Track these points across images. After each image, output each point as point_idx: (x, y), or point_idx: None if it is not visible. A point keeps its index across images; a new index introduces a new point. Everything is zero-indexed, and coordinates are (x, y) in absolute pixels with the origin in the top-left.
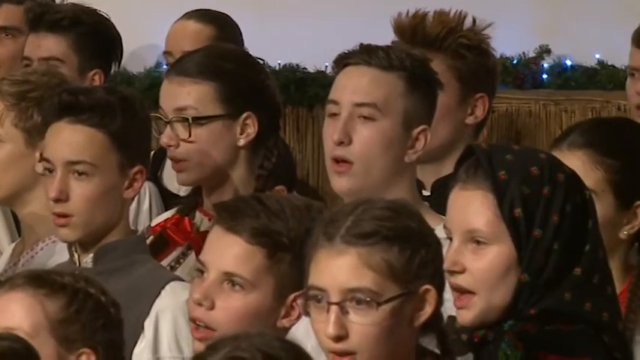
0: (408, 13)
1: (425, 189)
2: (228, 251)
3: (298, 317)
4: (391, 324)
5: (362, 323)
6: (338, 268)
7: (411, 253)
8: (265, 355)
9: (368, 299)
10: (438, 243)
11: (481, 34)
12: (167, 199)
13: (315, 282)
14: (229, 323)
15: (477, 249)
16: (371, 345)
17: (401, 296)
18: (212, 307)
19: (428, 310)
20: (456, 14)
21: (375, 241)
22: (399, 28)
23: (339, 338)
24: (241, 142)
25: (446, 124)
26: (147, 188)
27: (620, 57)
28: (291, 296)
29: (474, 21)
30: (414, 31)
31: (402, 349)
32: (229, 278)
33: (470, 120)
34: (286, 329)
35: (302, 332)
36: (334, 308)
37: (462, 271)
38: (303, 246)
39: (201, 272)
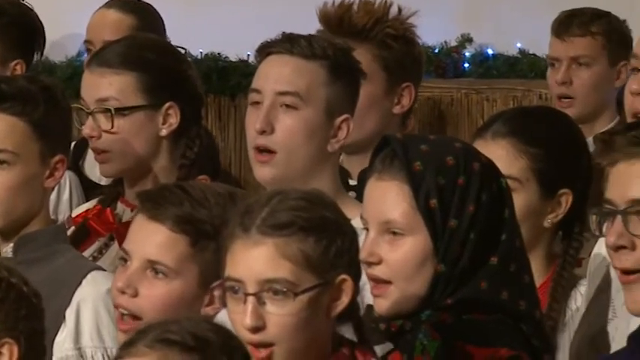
0: (333, 2)
1: (352, 178)
2: (151, 239)
3: (222, 305)
4: (308, 314)
5: (279, 314)
6: (254, 258)
7: (327, 243)
8: (194, 337)
9: (285, 290)
10: (353, 232)
11: (407, 24)
12: (89, 189)
13: (232, 273)
14: (153, 310)
15: (393, 240)
16: (289, 335)
17: (318, 286)
18: (135, 295)
19: (344, 299)
20: (382, 3)
21: (291, 232)
22: (325, 17)
23: (256, 329)
24: (163, 132)
25: (373, 114)
26: (67, 178)
27: (541, 46)
28: (215, 283)
29: (400, 10)
30: (340, 20)
31: (319, 338)
32: (152, 266)
33: (397, 109)
34: (211, 317)
35: (223, 321)
36: (251, 299)
37: (379, 262)
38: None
39: (125, 261)
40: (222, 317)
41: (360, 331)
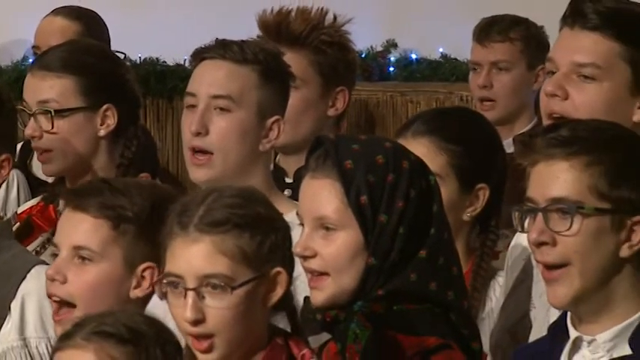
0: (272, 10)
1: (288, 177)
2: (76, 227)
3: (150, 287)
4: (246, 306)
5: (218, 307)
6: (193, 255)
7: (262, 239)
8: (129, 329)
9: (222, 284)
10: (286, 227)
11: (341, 31)
12: (36, 186)
13: (172, 269)
14: (83, 295)
15: (326, 235)
16: (227, 327)
17: (254, 280)
18: (65, 281)
19: (279, 291)
20: (318, 11)
21: (227, 229)
22: (264, 25)
23: (196, 322)
24: (102, 132)
25: (309, 116)
26: (15, 177)
27: (462, 51)
28: (141, 267)
29: (335, 17)
30: (278, 28)
31: (256, 328)
32: (79, 252)
33: (331, 112)
34: (140, 299)
35: (161, 313)
36: (191, 294)
37: (314, 256)
38: (151, 222)
39: (56, 255)
40: (154, 308)
41: (293, 320)
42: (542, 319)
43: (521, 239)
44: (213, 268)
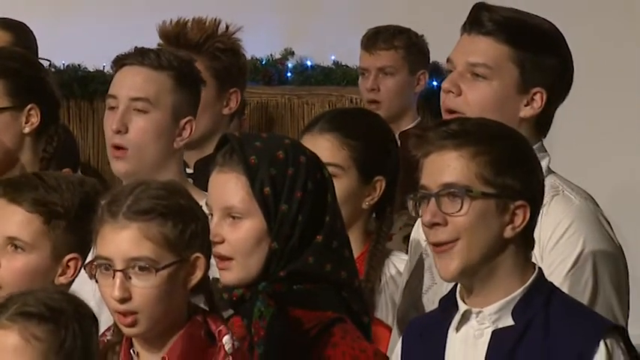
0: (171, 21)
1: (189, 167)
2: (10, 219)
3: (73, 275)
4: (167, 287)
5: (143, 287)
6: (121, 240)
7: (183, 227)
8: (49, 308)
9: (147, 266)
10: (205, 217)
11: (233, 38)
12: None
13: (102, 252)
14: (13, 281)
15: (233, 223)
16: (150, 305)
17: (175, 263)
18: None
19: (198, 274)
20: (212, 21)
21: (153, 217)
22: (164, 34)
23: (123, 300)
24: (26, 129)
25: (206, 115)
26: None
27: (352, 58)
28: (67, 257)
29: (227, 27)
30: (177, 37)
31: (176, 307)
32: (12, 242)
33: (226, 111)
34: (64, 285)
35: (88, 292)
36: (119, 274)
37: (222, 242)
38: (79, 216)
39: None
40: (77, 287)
41: (211, 301)
42: (441, 293)
43: (419, 231)
44: (139, 252)
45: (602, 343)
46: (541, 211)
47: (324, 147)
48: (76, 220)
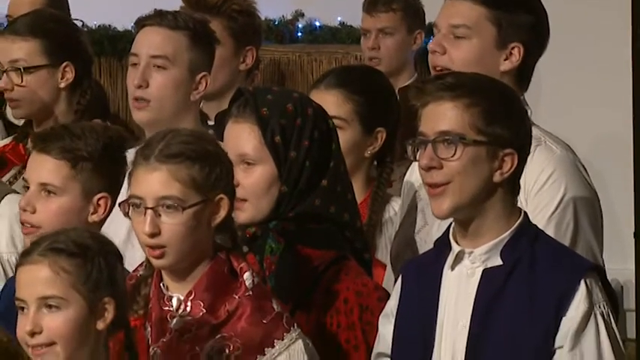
0: None
1: (210, 119)
2: (42, 167)
3: (104, 213)
4: (193, 224)
5: (171, 223)
6: (152, 180)
7: (209, 170)
8: (77, 244)
9: (175, 205)
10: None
11: (249, 0)
12: (11, 129)
13: (135, 192)
14: (50, 222)
15: (247, 169)
16: (178, 240)
17: (201, 203)
18: (34, 211)
19: (222, 213)
20: None
21: (181, 160)
22: None
23: (153, 235)
24: (62, 84)
25: (224, 71)
26: None
27: (357, 19)
28: (96, 197)
29: None
30: (197, 0)
31: (201, 243)
32: (45, 188)
33: (242, 67)
34: (96, 223)
35: (113, 232)
36: (149, 212)
37: (237, 185)
38: (103, 159)
39: (27, 188)
40: (104, 229)
41: (234, 240)
42: (433, 234)
43: (412, 175)
44: (168, 192)
45: (582, 282)
46: None
47: (330, 102)
48: (101, 162)
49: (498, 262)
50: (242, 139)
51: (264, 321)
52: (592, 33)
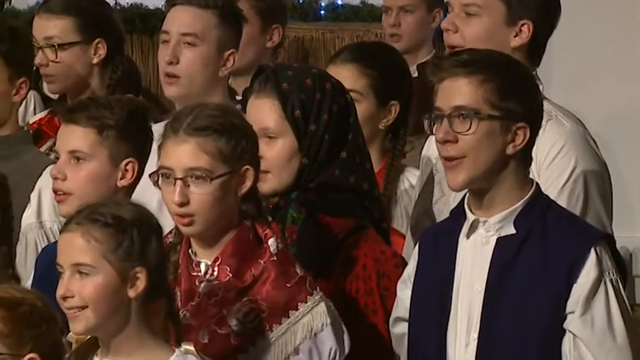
0: None
1: (238, 95)
2: (70, 136)
3: (132, 177)
4: (221, 194)
5: (199, 193)
6: (181, 152)
7: (235, 142)
8: (113, 216)
9: (204, 175)
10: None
11: None
12: (48, 103)
13: (164, 163)
14: (80, 188)
15: (268, 142)
16: (205, 208)
17: (227, 174)
18: (65, 178)
19: (248, 184)
20: None
21: (209, 133)
22: None
23: (182, 204)
24: (95, 60)
25: (251, 48)
26: (32, 96)
27: None
28: (124, 162)
29: None
30: None
31: (228, 212)
32: (74, 155)
33: (269, 44)
34: (125, 187)
35: (155, 205)
36: (179, 182)
37: (260, 158)
38: (129, 125)
39: (58, 159)
40: (138, 195)
41: (259, 208)
42: (450, 204)
43: (429, 150)
44: (196, 163)
45: (592, 250)
46: None
47: (345, 76)
48: (127, 129)
49: (512, 230)
50: (264, 113)
51: (288, 285)
52: (605, 8)
